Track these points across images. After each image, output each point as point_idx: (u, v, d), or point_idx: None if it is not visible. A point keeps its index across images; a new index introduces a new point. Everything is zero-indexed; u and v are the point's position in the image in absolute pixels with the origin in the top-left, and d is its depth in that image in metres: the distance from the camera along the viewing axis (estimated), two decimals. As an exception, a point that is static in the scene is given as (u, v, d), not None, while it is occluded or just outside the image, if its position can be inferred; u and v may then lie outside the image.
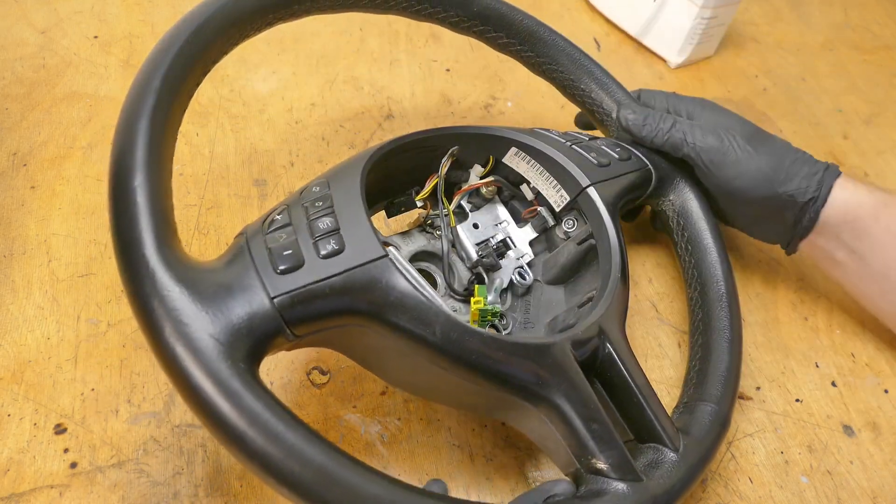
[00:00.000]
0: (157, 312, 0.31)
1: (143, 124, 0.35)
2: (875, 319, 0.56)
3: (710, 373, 0.46)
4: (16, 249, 0.52)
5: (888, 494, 0.47)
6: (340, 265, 0.35)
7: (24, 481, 0.42)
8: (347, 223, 0.37)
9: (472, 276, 0.48)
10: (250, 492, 0.43)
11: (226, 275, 0.34)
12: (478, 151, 0.50)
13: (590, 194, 0.47)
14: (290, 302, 0.34)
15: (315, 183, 0.40)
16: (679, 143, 0.51)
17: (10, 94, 0.63)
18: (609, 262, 0.45)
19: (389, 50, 0.73)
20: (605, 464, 0.37)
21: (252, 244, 0.36)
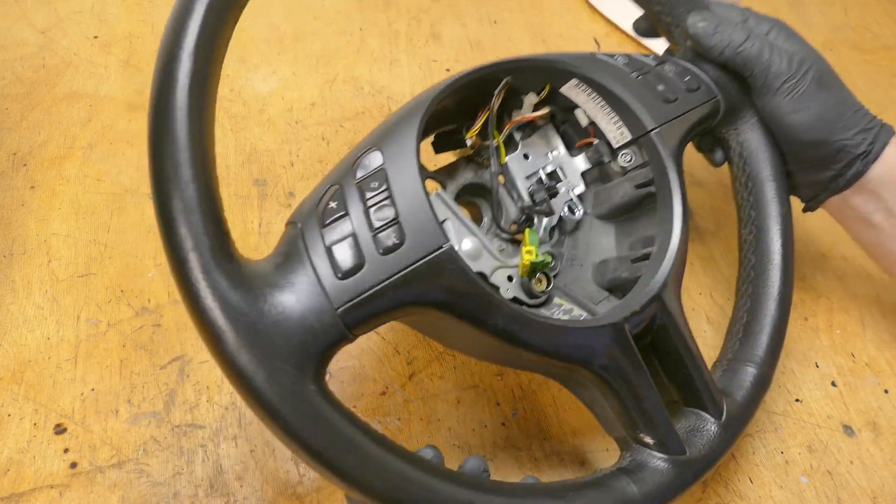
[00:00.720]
0: (229, 344, 0.30)
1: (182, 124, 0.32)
2: (875, 319, 0.56)
3: (756, 331, 0.45)
4: (16, 249, 0.52)
5: (888, 494, 0.47)
6: (402, 261, 0.34)
7: (24, 481, 0.42)
8: (406, 208, 0.34)
9: (521, 217, 0.46)
10: (250, 492, 0.43)
11: (291, 289, 0.32)
12: (534, 80, 0.46)
13: (653, 139, 0.44)
14: (354, 309, 0.33)
15: (366, 151, 0.37)
16: (750, 61, 0.47)
17: (10, 94, 0.63)
18: (670, 219, 0.43)
19: (389, 50, 0.73)
20: (652, 439, 0.38)
21: (308, 240, 0.34)
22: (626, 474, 0.38)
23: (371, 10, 0.76)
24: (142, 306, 0.50)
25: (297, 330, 0.31)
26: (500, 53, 0.75)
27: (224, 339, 0.30)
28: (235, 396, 0.46)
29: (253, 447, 0.44)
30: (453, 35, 0.76)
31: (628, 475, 0.38)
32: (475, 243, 0.43)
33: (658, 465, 0.38)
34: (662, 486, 0.38)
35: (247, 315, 0.30)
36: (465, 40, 0.76)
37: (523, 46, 0.76)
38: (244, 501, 0.42)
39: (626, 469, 0.38)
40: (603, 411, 0.40)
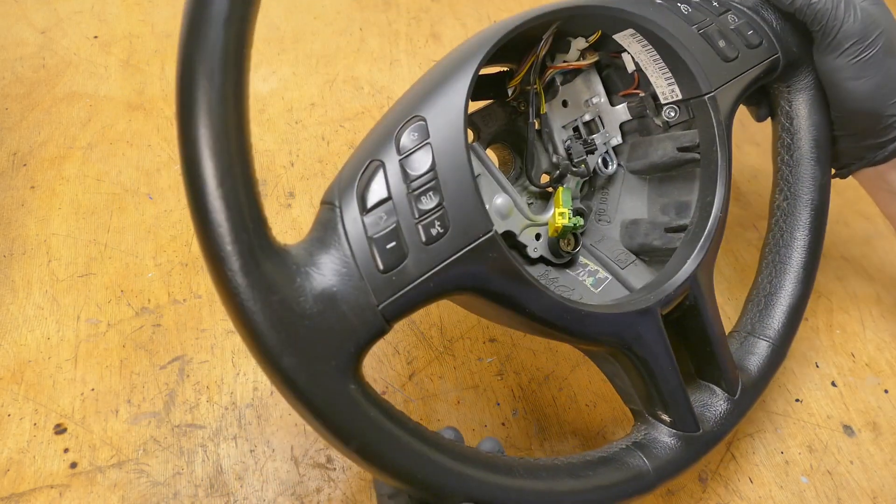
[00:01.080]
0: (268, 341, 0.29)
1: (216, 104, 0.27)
2: (875, 319, 0.56)
3: (775, 304, 0.45)
4: (16, 249, 0.52)
5: (888, 494, 0.47)
6: (445, 251, 0.32)
7: (24, 481, 0.42)
8: (453, 194, 0.33)
9: (555, 172, 0.44)
10: (250, 492, 0.43)
11: (327, 279, 0.30)
12: (586, 26, 0.43)
13: (707, 103, 0.41)
14: (393, 303, 0.31)
15: (410, 120, 0.34)
16: (823, 15, 0.44)
17: (10, 94, 0.63)
18: (712, 192, 0.41)
19: (389, 50, 0.73)
20: (668, 417, 0.39)
21: (349, 227, 0.31)
22: (640, 449, 0.39)
23: (371, 10, 0.76)
24: (142, 306, 0.50)
25: (337, 328, 0.30)
26: None
27: (266, 342, 0.29)
28: (235, 396, 0.46)
29: (253, 447, 0.44)
30: (453, 35, 0.76)
31: (641, 451, 0.39)
32: (506, 200, 0.41)
33: (671, 441, 0.39)
34: (673, 461, 0.39)
35: (288, 316, 0.29)
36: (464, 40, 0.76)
37: (523, 46, 0.76)
38: (244, 501, 0.42)
39: (639, 444, 0.39)
40: (622, 384, 0.41)
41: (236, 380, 0.47)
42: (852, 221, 0.65)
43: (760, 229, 0.63)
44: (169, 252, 0.53)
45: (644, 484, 0.38)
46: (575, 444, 0.47)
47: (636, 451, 0.39)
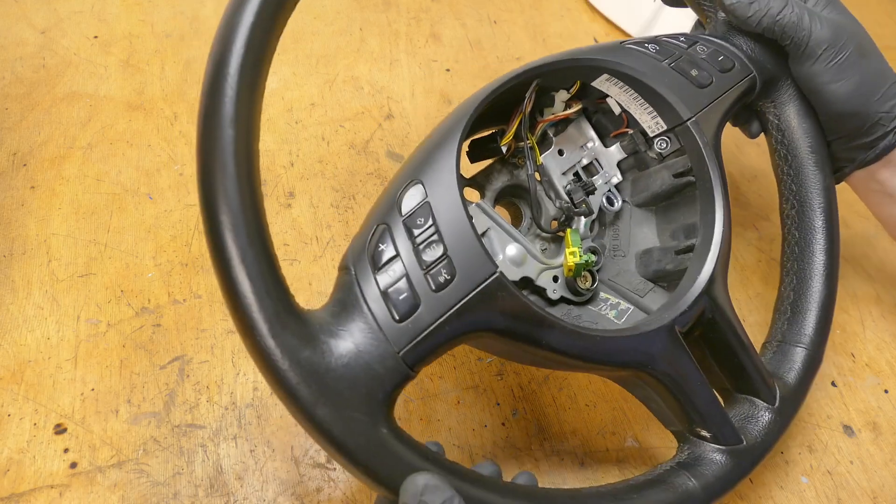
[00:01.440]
0: (302, 395, 0.31)
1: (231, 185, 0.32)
2: (875, 319, 0.56)
3: (804, 310, 0.46)
4: (16, 249, 0.52)
5: (888, 494, 0.47)
6: (455, 295, 0.35)
7: (24, 481, 0.42)
8: (454, 242, 0.35)
9: (561, 216, 0.46)
10: (250, 492, 0.43)
11: (351, 334, 0.33)
12: (564, 79, 0.46)
13: (690, 127, 0.44)
14: (414, 349, 0.34)
15: (407, 184, 0.37)
16: (790, 29, 0.45)
17: (10, 94, 0.63)
18: (712, 210, 0.42)
19: (389, 50, 0.73)
20: (708, 433, 0.40)
21: (363, 286, 0.35)
22: (686, 469, 0.39)
23: (371, 10, 0.76)
24: (142, 306, 0.50)
25: (363, 378, 0.33)
26: (499, 53, 0.75)
27: (299, 395, 0.31)
28: (235, 396, 0.46)
29: (253, 447, 0.44)
30: (453, 35, 0.76)
31: (687, 470, 0.39)
32: (518, 249, 0.44)
33: (716, 457, 0.40)
34: (721, 477, 0.39)
35: (316, 370, 0.32)
36: (464, 40, 0.76)
37: (523, 46, 0.76)
38: (244, 501, 0.42)
39: (684, 464, 0.39)
40: (658, 407, 0.41)
41: (236, 380, 0.47)
42: (852, 222, 0.65)
43: (760, 229, 0.63)
44: (169, 252, 0.53)
45: (692, 503, 0.38)
46: (575, 444, 0.47)
47: (682, 471, 0.39)
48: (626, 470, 0.47)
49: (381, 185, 0.60)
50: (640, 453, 0.48)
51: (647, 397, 0.42)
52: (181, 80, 0.66)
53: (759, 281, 0.59)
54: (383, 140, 0.64)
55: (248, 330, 0.31)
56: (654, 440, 0.48)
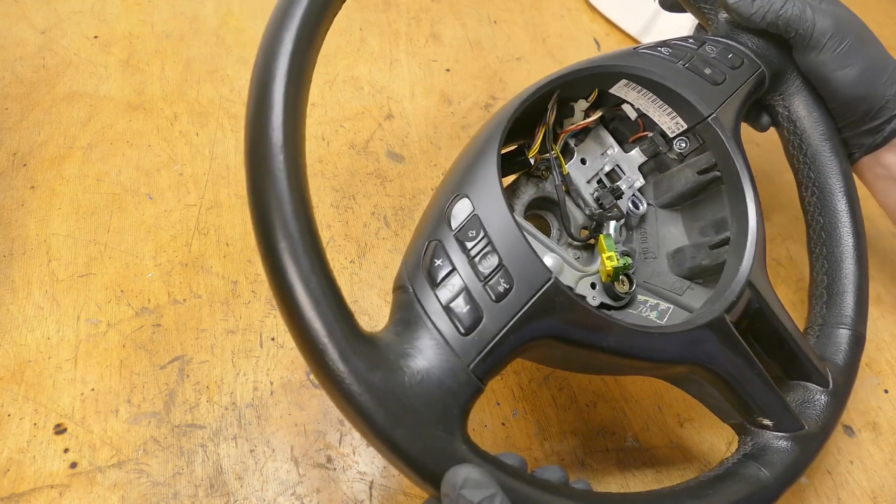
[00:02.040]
0: (378, 421, 0.31)
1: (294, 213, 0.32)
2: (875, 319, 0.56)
3: (840, 291, 0.46)
4: (16, 249, 0.52)
5: (888, 494, 0.47)
6: (516, 304, 0.35)
7: (24, 481, 0.42)
8: (508, 251, 0.35)
9: (591, 223, 0.47)
10: (250, 492, 0.43)
11: (421, 354, 0.33)
12: (583, 88, 0.47)
13: (711, 124, 0.44)
14: (483, 361, 0.34)
15: (453, 199, 0.37)
16: (793, 21, 0.47)
17: (10, 94, 0.63)
18: (742, 198, 0.43)
19: (389, 50, 0.73)
20: (770, 421, 0.40)
21: (425, 303, 0.34)
22: (754, 460, 0.39)
23: (371, 10, 0.76)
24: (142, 306, 0.50)
25: (437, 394, 0.32)
26: (499, 53, 0.75)
27: (375, 419, 0.31)
28: (235, 396, 0.46)
29: (253, 447, 0.44)
30: (453, 35, 0.76)
31: (756, 460, 0.39)
32: (555, 259, 0.44)
33: (781, 444, 0.40)
34: (790, 464, 0.39)
35: (390, 392, 0.31)
36: (465, 40, 0.76)
37: (523, 46, 0.76)
38: (244, 501, 0.42)
39: (751, 455, 0.39)
40: (715, 401, 0.41)
41: (236, 380, 0.47)
42: (852, 221, 0.65)
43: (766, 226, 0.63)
44: (169, 252, 0.53)
45: (768, 492, 0.38)
46: (575, 444, 0.47)
47: (750, 461, 0.39)
48: (626, 470, 0.47)
49: (381, 185, 0.60)
50: (640, 453, 0.48)
51: (703, 393, 0.42)
52: (181, 80, 0.66)
53: (759, 281, 0.59)
54: (383, 140, 0.64)
55: (318, 358, 0.30)
56: (654, 440, 0.48)
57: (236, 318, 0.50)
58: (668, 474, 0.47)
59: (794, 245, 0.61)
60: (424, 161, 0.63)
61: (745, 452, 0.40)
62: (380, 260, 0.55)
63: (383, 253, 0.56)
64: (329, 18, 0.38)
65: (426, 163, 0.63)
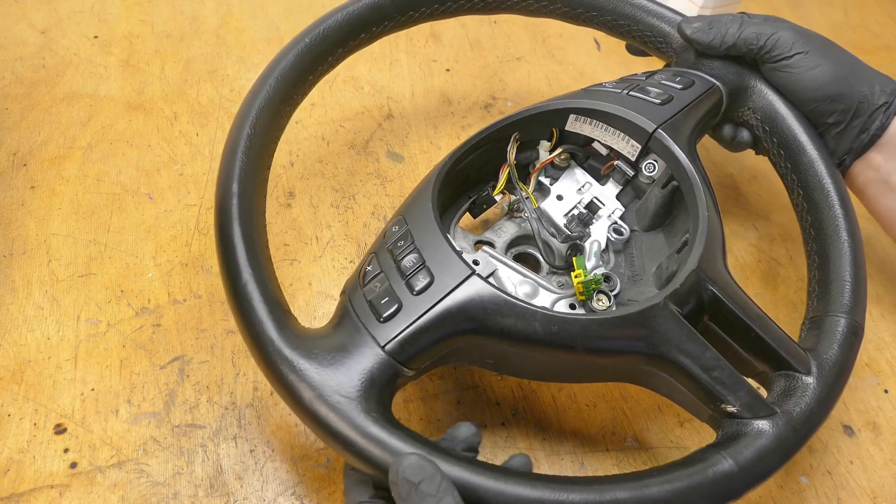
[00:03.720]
0: (295, 388, 0.36)
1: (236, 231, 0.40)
2: (875, 319, 0.56)
3: (831, 281, 0.45)
4: (16, 249, 0.52)
5: (888, 494, 0.47)
6: (434, 296, 0.38)
7: (24, 481, 0.42)
8: (431, 253, 0.39)
9: (568, 249, 0.49)
10: (250, 492, 0.43)
11: (340, 338, 0.38)
12: (539, 129, 0.50)
13: (659, 137, 0.47)
14: (400, 345, 0.37)
15: (393, 223, 0.42)
16: (753, 37, 0.49)
17: (10, 94, 0.63)
18: (695, 201, 0.44)
19: (389, 50, 0.73)
20: (735, 407, 0.38)
21: (353, 301, 0.39)
22: (719, 448, 0.36)
23: (371, 10, 0.76)
24: (142, 306, 0.50)
25: (355, 371, 0.36)
26: (499, 53, 0.75)
27: (300, 394, 0.36)
28: (235, 396, 0.46)
29: (253, 447, 0.44)
30: (453, 35, 0.76)
31: (722, 449, 0.36)
32: (530, 284, 0.47)
33: (750, 430, 0.37)
34: (759, 450, 0.36)
35: (314, 371, 0.36)
36: (464, 40, 0.76)
37: (523, 46, 0.76)
38: (244, 501, 0.42)
39: (717, 444, 0.37)
40: (683, 396, 0.40)
41: (236, 380, 0.47)
42: (852, 221, 0.65)
43: (760, 229, 0.63)
44: (169, 252, 0.53)
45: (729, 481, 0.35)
46: (575, 444, 0.47)
47: (714, 450, 0.37)
48: (626, 470, 0.47)
49: (381, 185, 0.60)
50: (640, 453, 0.48)
51: (669, 389, 0.41)
52: (181, 80, 0.66)
53: (759, 281, 0.59)
54: (383, 140, 0.64)
55: (257, 350, 0.37)
56: (654, 440, 0.48)
57: (236, 318, 0.50)
58: (668, 474, 0.47)
59: (795, 245, 0.61)
60: (424, 161, 0.63)
61: (713, 443, 0.38)
62: (380, 260, 0.55)
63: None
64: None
65: (426, 163, 0.63)
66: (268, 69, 0.47)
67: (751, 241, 0.61)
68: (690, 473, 0.35)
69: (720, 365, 0.39)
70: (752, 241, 0.62)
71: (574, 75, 0.74)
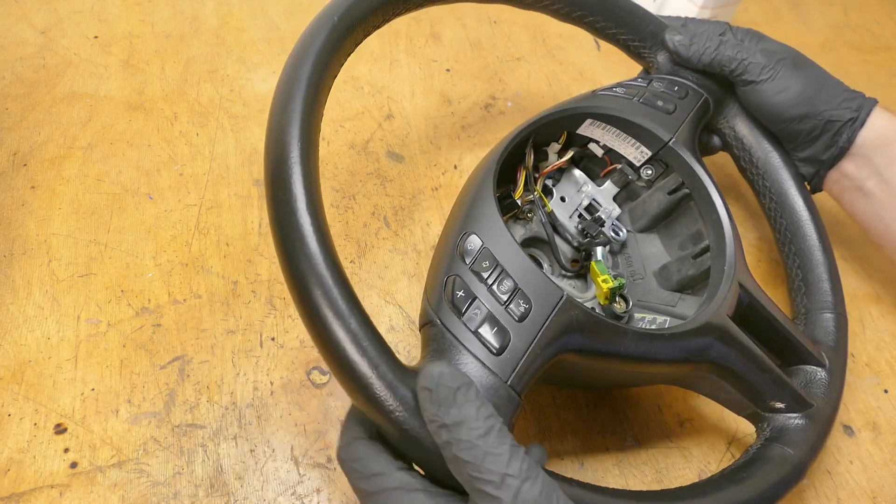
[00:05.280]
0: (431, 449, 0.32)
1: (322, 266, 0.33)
2: (875, 319, 0.56)
3: (816, 279, 0.50)
4: (16, 249, 0.52)
5: (888, 494, 0.47)
6: (538, 322, 0.37)
7: (24, 481, 0.42)
8: (520, 276, 0.38)
9: (581, 254, 0.51)
10: (250, 492, 0.43)
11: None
12: (553, 131, 0.52)
13: (673, 147, 0.49)
14: (517, 376, 0.36)
15: (461, 238, 0.40)
16: (727, 60, 0.52)
17: (10, 94, 0.63)
18: (715, 209, 0.47)
19: (389, 50, 0.73)
20: (782, 402, 0.42)
21: (455, 332, 0.36)
22: (777, 441, 0.41)
23: (371, 10, 0.76)
24: (142, 306, 0.50)
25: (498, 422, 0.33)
26: (499, 53, 0.75)
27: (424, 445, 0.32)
28: (235, 396, 0.46)
29: (253, 447, 0.44)
30: (453, 35, 0.76)
31: (779, 441, 0.41)
32: None
33: (797, 423, 0.42)
34: (810, 440, 0.42)
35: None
36: (465, 40, 0.76)
37: (523, 47, 0.76)
38: (244, 501, 0.42)
39: (772, 438, 0.42)
40: (728, 395, 0.43)
41: (236, 380, 0.47)
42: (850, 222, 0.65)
43: (760, 229, 0.63)
44: (169, 252, 0.53)
45: (798, 467, 0.40)
46: (575, 444, 0.47)
47: (774, 443, 0.41)
48: (626, 470, 0.47)
49: (381, 185, 0.60)
50: (640, 453, 0.48)
51: (715, 389, 0.43)
52: (181, 80, 0.66)
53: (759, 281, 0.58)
54: (383, 140, 0.64)
55: (371, 401, 0.32)
56: (654, 440, 0.48)
57: (236, 318, 0.50)
58: (668, 474, 0.47)
59: (794, 245, 0.61)
60: (424, 161, 0.63)
61: (767, 437, 0.42)
62: (380, 260, 0.55)
63: (383, 253, 0.56)
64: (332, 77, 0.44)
65: (426, 163, 0.63)
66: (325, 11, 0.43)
67: (751, 241, 0.61)
68: (767, 472, 0.39)
69: (770, 368, 0.42)
70: (752, 241, 0.62)
71: (574, 75, 0.74)
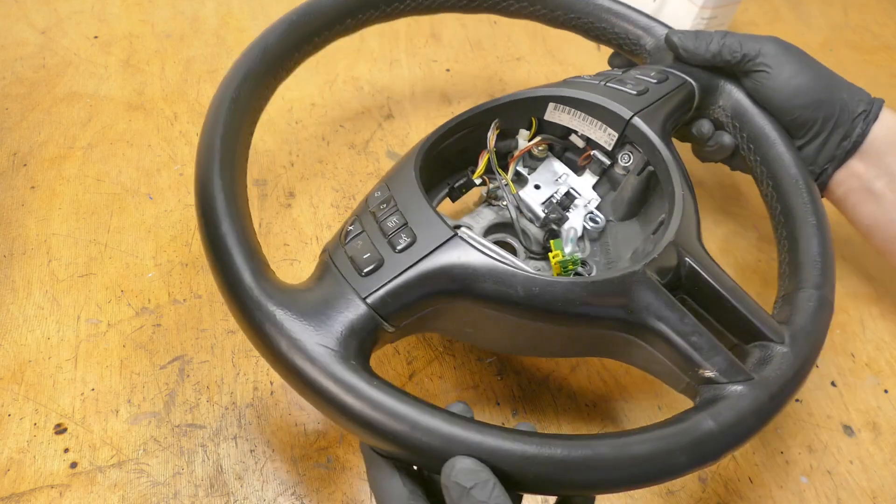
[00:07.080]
0: (271, 335, 0.35)
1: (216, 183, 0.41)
2: (875, 319, 0.56)
3: (800, 260, 0.47)
4: (16, 249, 0.52)
5: (888, 494, 0.47)
6: (416, 254, 0.38)
7: (24, 481, 0.42)
8: (414, 216, 0.40)
9: (545, 234, 0.50)
10: (250, 492, 0.43)
11: (321, 290, 0.38)
12: (518, 117, 0.51)
13: (635, 125, 0.48)
14: (381, 298, 0.37)
15: (376, 189, 0.43)
16: (738, 47, 0.51)
17: (10, 94, 0.63)
18: (670, 181, 0.46)
19: (389, 50, 0.73)
20: (712, 371, 0.39)
21: (335, 258, 0.39)
22: (700, 410, 0.37)
23: (371, 10, 0.76)
24: (142, 306, 0.50)
25: (335, 321, 0.36)
26: (499, 53, 0.75)
27: (277, 344, 0.35)
28: (235, 396, 0.46)
29: (253, 447, 0.44)
30: (453, 35, 0.76)
31: (702, 410, 0.37)
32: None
33: (729, 393, 0.38)
34: (739, 412, 0.37)
35: (292, 321, 0.35)
36: (464, 40, 0.76)
37: (523, 47, 0.76)
38: (244, 501, 0.42)
39: (697, 407, 0.37)
40: (661, 366, 0.40)
41: (236, 380, 0.47)
42: (852, 221, 0.65)
43: (760, 229, 0.63)
44: (169, 252, 0.53)
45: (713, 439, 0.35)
46: (575, 444, 0.47)
47: (695, 412, 0.37)
48: (626, 470, 0.47)
49: (381, 185, 0.60)
50: (639, 453, 0.48)
51: (646, 360, 0.41)
52: (181, 80, 0.66)
53: (759, 281, 0.59)
54: (383, 140, 0.64)
55: (233, 299, 0.37)
56: (653, 440, 0.48)
57: (236, 318, 0.50)
58: (668, 474, 0.47)
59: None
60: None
61: (692, 407, 0.38)
62: (380, 260, 0.55)
63: (383, 253, 0.56)
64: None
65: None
66: (257, 40, 0.48)
67: (751, 241, 0.61)
68: (673, 433, 0.35)
69: (698, 331, 0.39)
70: (752, 241, 0.62)
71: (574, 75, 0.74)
